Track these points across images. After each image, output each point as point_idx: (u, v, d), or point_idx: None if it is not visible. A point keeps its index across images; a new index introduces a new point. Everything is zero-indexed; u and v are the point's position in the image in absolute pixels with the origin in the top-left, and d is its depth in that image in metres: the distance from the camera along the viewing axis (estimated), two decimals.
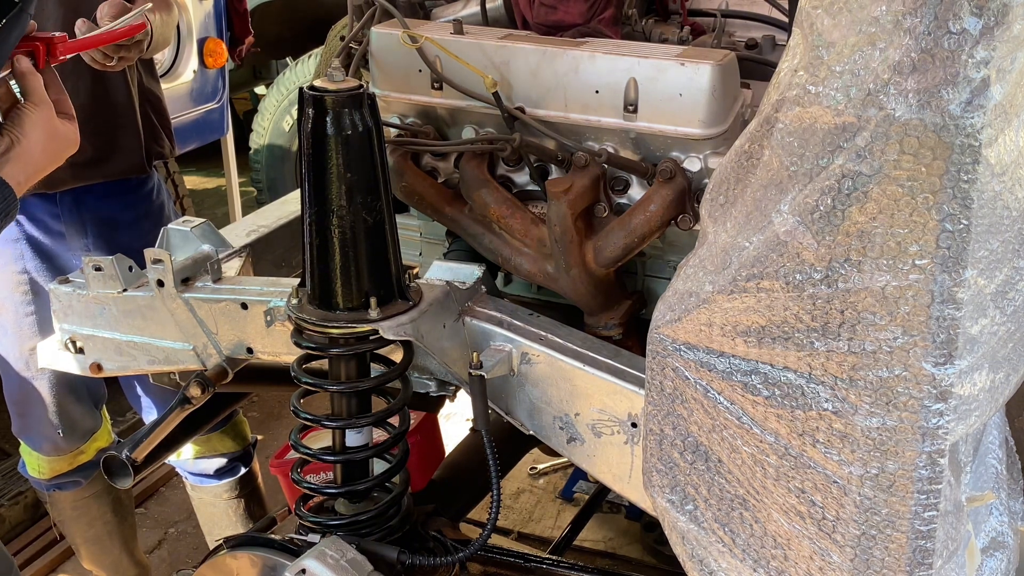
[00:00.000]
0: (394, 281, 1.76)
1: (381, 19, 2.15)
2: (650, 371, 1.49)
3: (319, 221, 1.69)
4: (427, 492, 2.25)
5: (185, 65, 4.59)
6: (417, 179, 2.12)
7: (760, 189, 1.30)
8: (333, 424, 1.85)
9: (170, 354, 2.13)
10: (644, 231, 1.93)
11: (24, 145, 1.48)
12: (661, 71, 1.87)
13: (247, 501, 3.02)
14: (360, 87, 1.66)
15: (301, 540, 1.85)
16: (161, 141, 2.72)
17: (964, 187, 1.16)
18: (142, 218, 2.69)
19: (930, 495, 1.30)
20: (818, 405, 1.31)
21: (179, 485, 3.57)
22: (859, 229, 1.21)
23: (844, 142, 1.19)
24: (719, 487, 1.47)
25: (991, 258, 1.21)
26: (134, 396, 2.85)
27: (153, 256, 2.02)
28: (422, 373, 1.95)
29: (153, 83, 2.72)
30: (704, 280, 1.38)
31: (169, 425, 2.15)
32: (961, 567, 1.44)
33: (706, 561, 1.53)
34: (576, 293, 2.03)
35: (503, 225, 2.05)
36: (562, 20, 2.09)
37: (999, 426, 1.66)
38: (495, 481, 1.80)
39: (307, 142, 1.67)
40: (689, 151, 1.92)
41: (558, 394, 1.79)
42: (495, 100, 1.95)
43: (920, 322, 1.22)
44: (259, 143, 5.59)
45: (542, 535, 3.33)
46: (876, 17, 1.14)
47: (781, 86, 1.27)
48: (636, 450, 1.73)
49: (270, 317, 1.90)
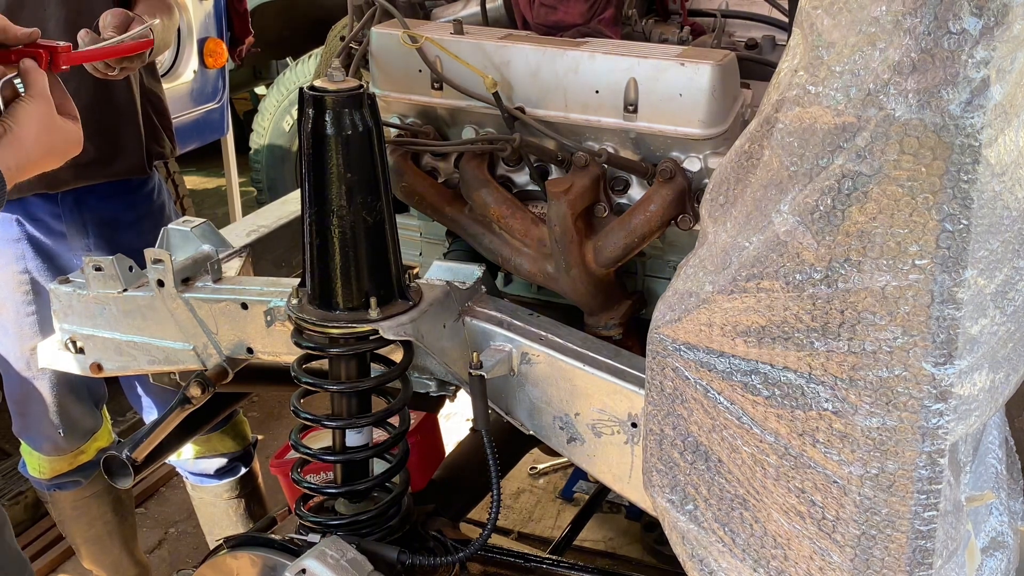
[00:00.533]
0: (394, 281, 1.76)
1: (381, 19, 2.15)
2: (650, 371, 1.49)
3: (319, 221, 1.70)
4: (427, 492, 2.25)
5: (185, 65, 4.60)
6: (417, 179, 2.12)
7: (760, 189, 1.30)
8: (333, 424, 1.85)
9: (170, 354, 2.13)
10: (644, 231, 1.93)
11: (16, 133, 1.48)
12: (661, 71, 1.87)
13: (247, 501, 3.02)
14: (360, 87, 1.66)
15: (301, 540, 1.85)
16: (162, 141, 2.72)
17: (964, 187, 1.16)
18: (143, 218, 2.69)
19: (930, 495, 1.30)
20: (818, 405, 1.31)
21: (179, 485, 3.57)
22: (859, 229, 1.21)
23: (844, 142, 1.19)
24: (719, 487, 1.47)
25: (991, 258, 1.21)
26: (134, 396, 2.85)
27: (153, 256, 2.02)
28: (422, 373, 1.95)
29: (154, 83, 2.72)
30: (704, 280, 1.38)
31: (169, 425, 2.15)
32: (961, 567, 1.44)
33: (706, 561, 1.53)
34: (576, 293, 2.03)
35: (503, 225, 2.05)
36: (562, 20, 2.09)
37: (999, 426, 1.66)
38: (495, 481, 1.81)
39: (307, 142, 1.67)
40: (689, 151, 1.92)
41: (558, 394, 1.79)
42: (495, 100, 1.95)
43: (920, 322, 1.22)
44: (259, 143, 5.59)
45: (542, 535, 3.33)
46: (876, 17, 1.14)
47: (781, 86, 1.27)
48: (636, 450, 1.73)
49: (270, 317, 1.90)
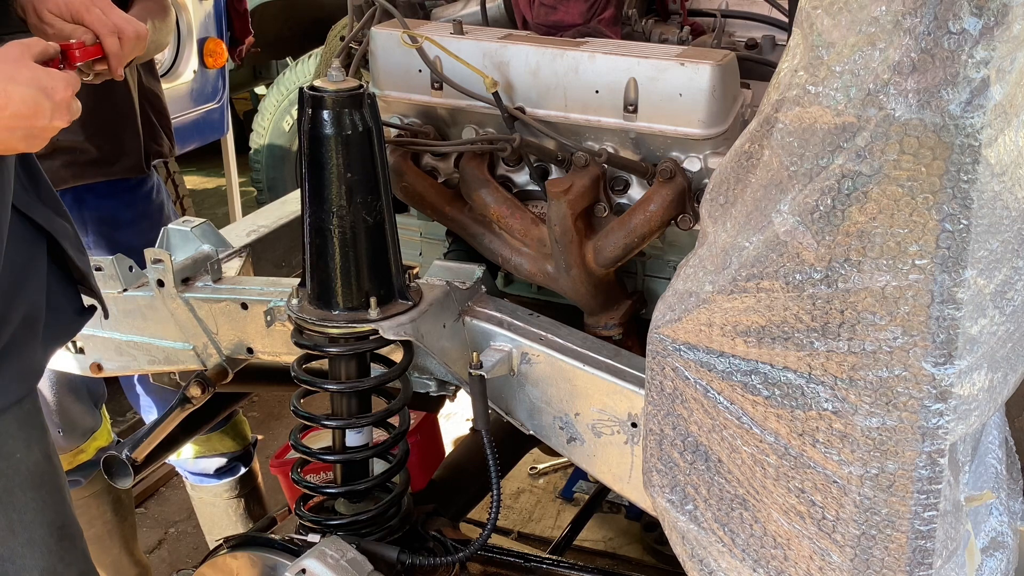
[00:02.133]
0: (394, 281, 1.76)
1: (381, 19, 2.15)
2: (650, 371, 1.49)
3: (319, 221, 1.70)
4: (427, 492, 2.25)
5: (185, 65, 4.59)
6: (417, 179, 2.12)
7: (760, 189, 1.30)
8: (333, 424, 1.85)
9: (170, 354, 2.13)
10: (644, 231, 1.93)
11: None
12: (661, 71, 1.87)
13: (247, 501, 3.01)
14: (360, 87, 1.66)
15: (301, 540, 1.85)
16: (161, 141, 2.72)
17: (964, 187, 1.16)
18: (142, 217, 2.69)
19: (930, 495, 1.30)
20: (818, 405, 1.31)
21: (179, 485, 3.56)
22: (859, 229, 1.21)
23: (844, 142, 1.20)
24: (719, 487, 1.47)
25: (991, 258, 1.21)
26: (134, 396, 2.85)
27: (153, 256, 2.02)
28: (422, 373, 1.95)
29: (153, 83, 2.72)
30: (704, 280, 1.38)
31: (169, 425, 2.15)
32: (961, 567, 1.44)
33: (706, 561, 1.53)
34: (576, 293, 2.03)
35: (503, 225, 2.05)
36: (562, 20, 2.09)
37: (999, 426, 1.66)
38: (495, 481, 1.81)
39: (307, 142, 1.67)
40: (689, 151, 1.92)
41: (558, 394, 1.79)
42: (495, 100, 1.95)
43: (920, 322, 1.22)
44: (259, 143, 5.59)
45: (542, 535, 3.32)
46: (876, 17, 1.14)
47: (781, 86, 1.27)
48: (636, 450, 1.73)
49: (270, 317, 1.90)
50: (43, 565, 1.69)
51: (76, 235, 1.78)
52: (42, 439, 1.69)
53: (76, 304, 1.79)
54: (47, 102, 1.43)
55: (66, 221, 1.75)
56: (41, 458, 1.68)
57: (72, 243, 1.74)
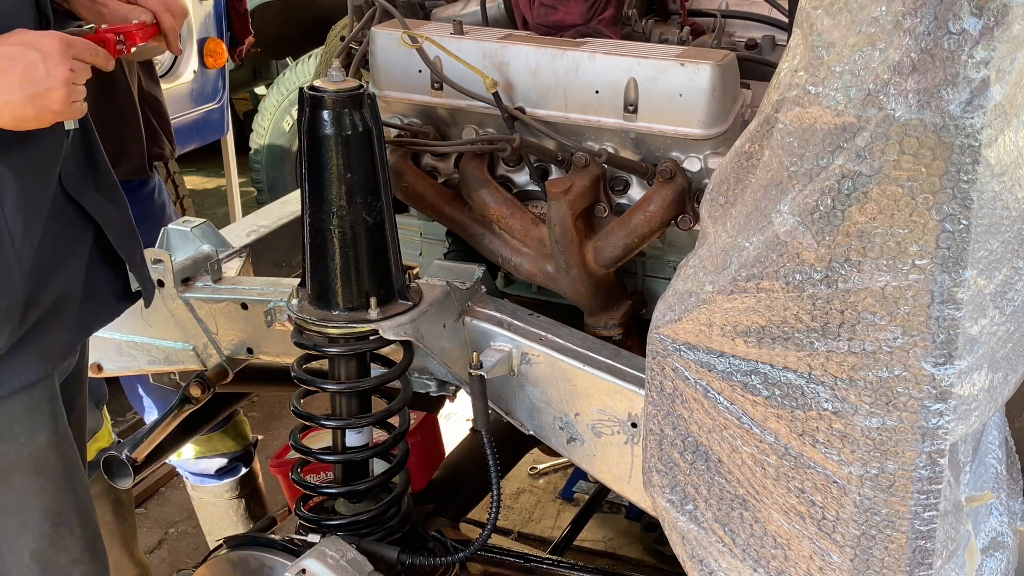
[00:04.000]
0: (394, 281, 1.76)
1: (381, 19, 2.15)
2: (650, 371, 1.49)
3: (319, 221, 1.70)
4: (427, 492, 2.25)
5: (185, 65, 4.59)
6: (417, 179, 2.12)
7: (760, 189, 1.30)
8: (333, 424, 1.85)
9: (170, 354, 2.13)
10: (644, 231, 1.93)
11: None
12: (661, 71, 1.87)
13: (247, 501, 3.01)
14: (360, 87, 1.66)
15: (301, 540, 1.85)
16: (161, 143, 2.73)
17: (964, 187, 1.16)
18: (144, 218, 2.69)
19: (930, 495, 1.30)
20: (818, 405, 1.31)
21: (179, 485, 3.56)
22: (859, 229, 1.21)
23: (844, 142, 1.20)
24: (719, 487, 1.47)
25: (991, 258, 1.21)
26: (135, 396, 2.85)
27: (153, 256, 2.02)
28: (422, 373, 1.95)
29: (153, 86, 2.73)
30: (704, 280, 1.38)
31: (169, 425, 2.15)
32: (961, 567, 1.44)
33: (706, 561, 1.53)
34: (576, 293, 2.03)
35: (503, 225, 2.05)
36: (562, 20, 2.09)
37: (999, 426, 1.66)
38: (495, 481, 1.81)
39: (307, 142, 1.67)
40: (689, 151, 1.92)
41: (558, 394, 1.79)
42: (495, 100, 1.95)
43: (920, 322, 1.22)
44: (259, 143, 5.58)
45: (542, 535, 3.32)
46: (876, 17, 1.14)
47: (781, 86, 1.27)
48: (636, 450, 1.73)
49: (270, 317, 1.90)
50: (33, 547, 1.70)
51: (128, 221, 1.80)
52: (50, 427, 1.69)
53: (117, 288, 1.81)
54: (34, 52, 1.42)
55: (119, 207, 1.77)
56: (45, 445, 1.68)
57: (120, 230, 1.76)
